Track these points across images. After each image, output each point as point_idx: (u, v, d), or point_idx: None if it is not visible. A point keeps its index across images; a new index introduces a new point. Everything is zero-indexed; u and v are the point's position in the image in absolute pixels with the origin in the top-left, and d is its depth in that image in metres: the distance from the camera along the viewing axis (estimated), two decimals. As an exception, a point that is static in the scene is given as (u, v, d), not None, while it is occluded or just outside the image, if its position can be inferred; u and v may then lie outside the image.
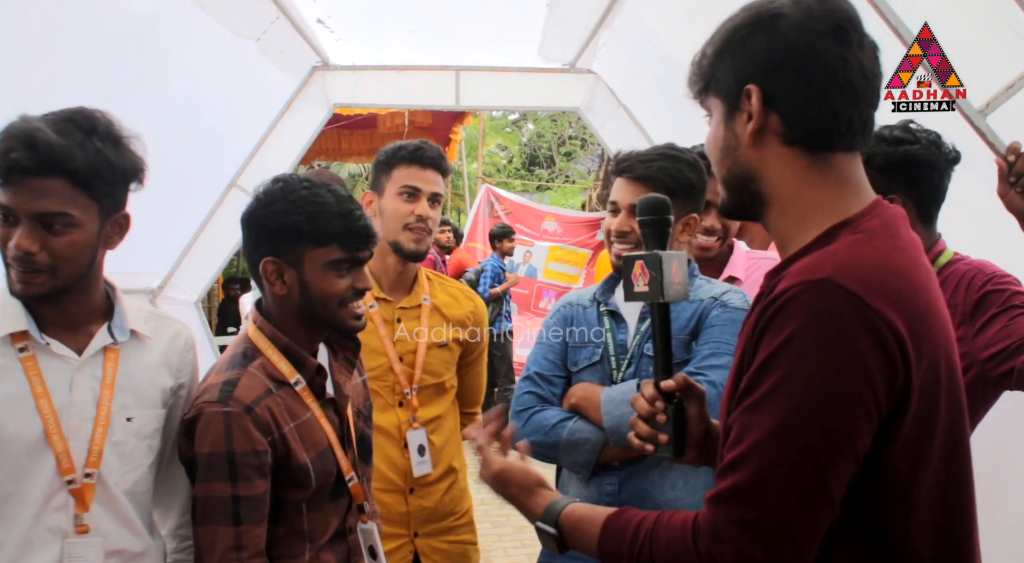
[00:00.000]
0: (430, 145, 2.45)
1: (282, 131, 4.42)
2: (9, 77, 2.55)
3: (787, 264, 1.23)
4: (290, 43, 4.08)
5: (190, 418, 1.66)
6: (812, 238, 1.23)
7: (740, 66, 1.25)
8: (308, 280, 1.74)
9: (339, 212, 1.71)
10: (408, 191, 2.40)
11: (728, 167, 1.30)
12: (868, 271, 1.15)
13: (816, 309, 1.11)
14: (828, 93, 1.21)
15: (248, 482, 1.62)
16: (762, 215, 1.30)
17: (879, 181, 2.02)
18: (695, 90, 1.33)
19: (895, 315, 1.12)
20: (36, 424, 1.54)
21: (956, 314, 1.99)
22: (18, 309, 1.56)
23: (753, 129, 1.24)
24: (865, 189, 1.28)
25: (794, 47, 1.21)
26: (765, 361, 1.14)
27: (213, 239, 4.26)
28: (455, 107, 4.86)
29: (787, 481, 1.11)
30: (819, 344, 1.10)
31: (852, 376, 1.10)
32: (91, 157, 1.51)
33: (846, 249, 1.18)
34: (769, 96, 1.22)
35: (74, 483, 1.57)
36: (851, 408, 1.10)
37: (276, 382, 1.73)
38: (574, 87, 4.77)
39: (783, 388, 1.11)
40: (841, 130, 1.24)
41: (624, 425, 1.96)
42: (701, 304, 2.08)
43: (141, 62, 3.22)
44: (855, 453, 1.12)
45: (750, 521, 1.11)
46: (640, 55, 4.30)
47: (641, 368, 2.10)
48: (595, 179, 16.26)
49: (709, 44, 1.30)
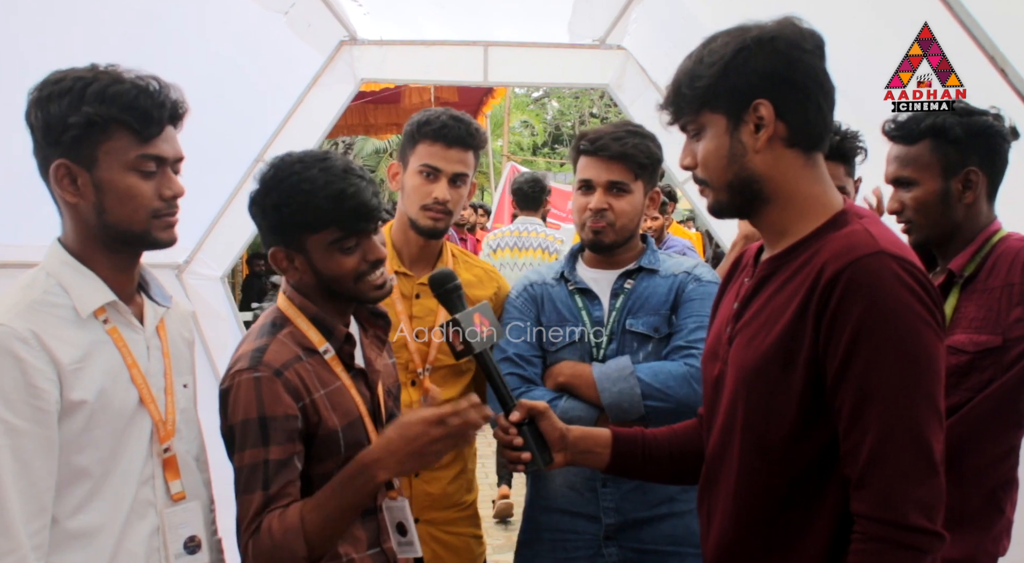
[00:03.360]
0: (459, 119, 2.30)
1: (309, 106, 4.38)
2: (24, 56, 2.53)
3: (797, 247, 1.44)
4: (318, 17, 4.04)
5: (224, 389, 1.68)
6: (816, 226, 1.44)
7: (747, 83, 1.42)
8: (316, 262, 1.74)
9: (329, 195, 1.67)
10: (428, 170, 2.29)
11: (735, 172, 1.46)
12: (899, 245, 1.37)
13: (884, 276, 1.31)
14: (820, 102, 1.44)
15: (279, 446, 1.62)
16: (758, 212, 1.49)
17: (952, 154, 2.02)
18: (689, 111, 1.48)
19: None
20: (133, 393, 1.56)
21: (1013, 293, 1.95)
22: (97, 281, 1.55)
23: (767, 137, 1.43)
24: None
25: (795, 63, 1.42)
26: (852, 341, 1.31)
27: (239, 214, 4.24)
28: (483, 83, 4.79)
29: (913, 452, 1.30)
30: (898, 311, 1.30)
31: (933, 336, 1.32)
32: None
33: (867, 230, 1.38)
34: (778, 107, 1.42)
35: (169, 450, 1.60)
36: (938, 363, 1.33)
37: (305, 350, 1.73)
38: (604, 64, 4.69)
39: (882, 366, 1.30)
40: (826, 132, 1.47)
41: (624, 401, 2.04)
42: (676, 278, 2.19)
43: (166, 36, 3.20)
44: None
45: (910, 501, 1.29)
46: (672, 31, 4.21)
47: (624, 344, 2.14)
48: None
49: (701, 68, 1.45)
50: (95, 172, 1.51)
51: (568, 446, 1.75)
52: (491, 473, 6.48)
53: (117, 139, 1.51)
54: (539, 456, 1.71)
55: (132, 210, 1.54)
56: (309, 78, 4.34)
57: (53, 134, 1.49)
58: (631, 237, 2.21)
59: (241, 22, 3.68)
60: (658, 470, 1.80)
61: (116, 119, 1.49)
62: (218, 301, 4.36)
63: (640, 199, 2.20)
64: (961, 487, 1.41)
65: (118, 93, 1.49)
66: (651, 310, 2.15)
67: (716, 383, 1.57)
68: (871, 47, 2.82)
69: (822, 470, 1.39)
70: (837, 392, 1.34)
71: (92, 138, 1.49)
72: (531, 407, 1.73)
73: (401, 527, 1.82)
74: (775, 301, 1.45)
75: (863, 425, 1.31)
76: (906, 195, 2.09)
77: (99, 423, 1.49)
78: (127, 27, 2.98)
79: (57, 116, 1.47)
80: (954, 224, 2.06)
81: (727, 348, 1.54)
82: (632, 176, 2.16)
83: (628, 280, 2.20)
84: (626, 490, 2.11)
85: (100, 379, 1.50)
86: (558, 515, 2.18)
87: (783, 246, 1.48)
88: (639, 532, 2.11)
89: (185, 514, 1.62)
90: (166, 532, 1.59)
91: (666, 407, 2.01)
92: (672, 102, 1.52)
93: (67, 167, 1.50)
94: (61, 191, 1.52)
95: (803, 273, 1.40)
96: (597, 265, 2.25)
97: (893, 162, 2.11)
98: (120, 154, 1.51)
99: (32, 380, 1.41)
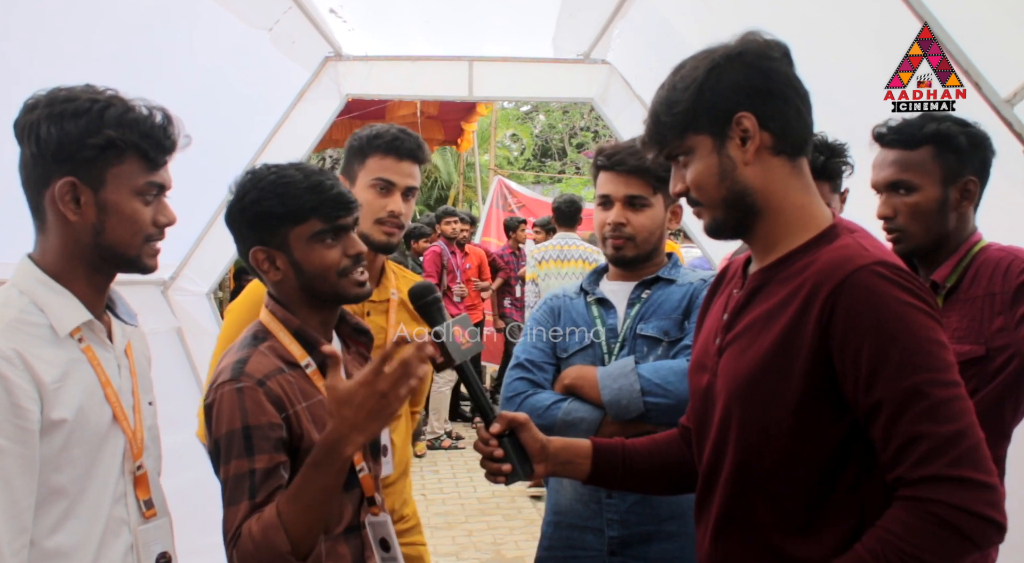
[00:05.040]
0: (408, 134, 2.33)
1: (295, 121, 4.39)
2: (16, 70, 2.53)
3: (788, 258, 1.45)
4: (302, 33, 4.05)
5: (208, 404, 1.67)
6: (807, 238, 1.45)
7: (725, 99, 1.44)
8: (298, 259, 1.74)
9: (309, 186, 1.72)
10: (381, 184, 2.29)
11: (728, 187, 1.47)
12: (892, 257, 1.39)
13: (886, 285, 1.32)
14: (798, 106, 1.46)
15: (265, 455, 1.61)
16: (752, 227, 1.50)
17: (953, 164, 2.02)
18: (673, 138, 1.49)
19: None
20: (108, 411, 1.56)
21: (995, 302, 1.95)
22: (74, 300, 1.55)
23: (755, 148, 1.44)
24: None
25: (768, 73, 1.44)
26: (875, 353, 1.30)
27: (224, 230, 4.21)
28: (468, 98, 4.82)
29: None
30: (905, 316, 1.30)
31: (943, 333, 1.33)
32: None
33: (860, 242, 1.39)
34: (760, 117, 1.43)
35: (141, 468, 1.61)
36: (951, 349, 1.33)
37: (287, 363, 1.72)
38: (588, 78, 4.72)
39: (912, 368, 1.29)
40: (809, 136, 1.49)
41: (624, 397, 2.02)
42: (691, 286, 2.17)
43: (155, 51, 3.21)
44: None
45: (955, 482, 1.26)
46: (655, 46, 4.25)
47: (635, 349, 2.13)
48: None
49: (676, 94, 1.47)
50: (101, 193, 1.52)
51: (549, 457, 1.76)
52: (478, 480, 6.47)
53: (128, 164, 1.54)
54: (520, 468, 1.71)
55: (132, 234, 1.57)
56: (295, 93, 4.35)
57: (65, 152, 1.49)
58: (654, 251, 2.20)
59: (229, 38, 3.69)
60: (638, 480, 1.80)
61: (134, 145, 1.53)
62: (204, 317, 4.35)
63: (661, 213, 2.18)
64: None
65: (136, 120, 1.53)
66: (663, 315, 2.13)
67: (705, 394, 1.57)
68: (857, 57, 2.86)
69: (830, 476, 1.39)
70: (868, 402, 1.32)
71: (105, 160, 1.51)
72: (511, 419, 1.73)
73: (384, 543, 1.81)
74: (768, 312, 1.45)
75: (908, 424, 1.28)
76: (901, 200, 2.06)
77: (77, 442, 1.49)
78: (117, 43, 2.99)
79: (74, 135, 1.48)
80: (944, 233, 2.05)
81: (716, 359, 1.54)
82: (651, 190, 2.15)
83: (645, 290, 2.20)
84: (631, 502, 2.09)
85: (79, 398, 1.50)
86: (567, 531, 2.17)
87: (774, 257, 1.49)
88: (645, 549, 2.08)
89: (157, 531, 1.62)
90: (139, 550, 1.58)
91: (666, 403, 1.99)
92: (654, 133, 1.53)
93: (74, 185, 1.51)
94: (62, 207, 1.51)
95: (795, 283, 1.41)
96: (618, 278, 2.26)
97: (890, 166, 2.08)
98: (129, 178, 1.54)
99: (16, 400, 1.40)
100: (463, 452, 7.61)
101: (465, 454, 7.50)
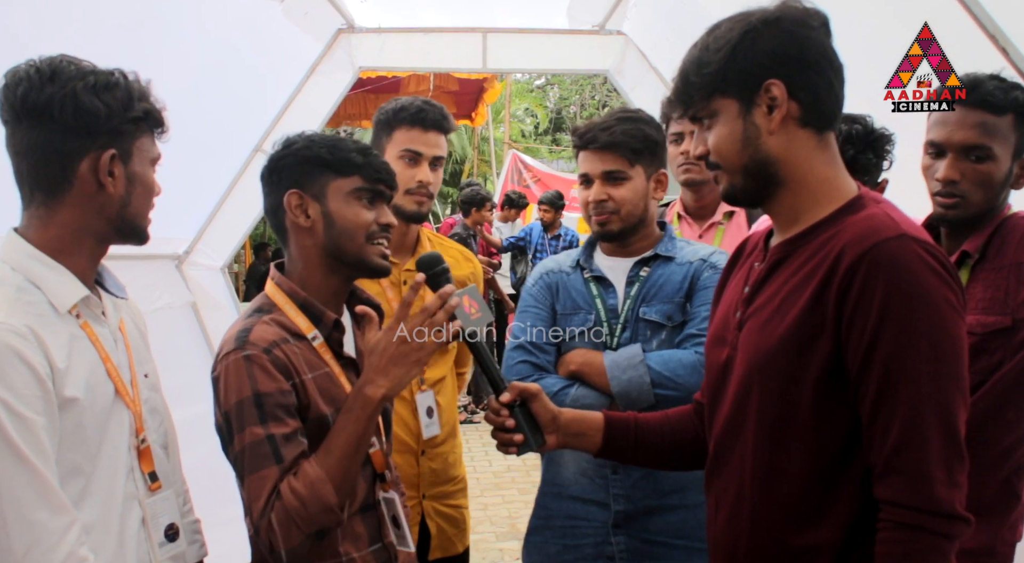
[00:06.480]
0: (432, 105, 2.38)
1: (307, 95, 4.37)
2: (24, 44, 2.51)
3: (812, 231, 1.43)
4: (315, 5, 4.02)
5: (215, 377, 1.65)
6: (832, 210, 1.43)
7: (756, 65, 1.41)
8: (332, 211, 1.74)
9: (359, 149, 1.77)
10: (410, 155, 2.36)
11: (749, 155, 1.45)
12: (919, 229, 1.37)
13: (909, 258, 1.29)
14: (831, 78, 1.43)
15: (279, 422, 1.60)
16: (772, 197, 1.48)
17: (1015, 127, 1.95)
18: (700, 99, 1.47)
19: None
20: (110, 387, 1.55)
21: (1022, 272, 1.92)
22: (69, 275, 1.52)
23: (780, 117, 1.41)
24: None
25: (804, 41, 1.41)
26: (877, 326, 1.29)
27: (239, 204, 4.24)
28: (482, 70, 4.78)
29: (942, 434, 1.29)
30: (924, 295, 1.28)
31: (958, 319, 1.31)
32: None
33: (887, 214, 1.36)
34: (790, 86, 1.41)
35: (144, 441, 1.60)
36: (964, 347, 1.32)
37: (292, 334, 1.71)
38: (604, 49, 4.67)
39: (909, 351, 1.28)
40: (839, 110, 1.46)
41: (634, 389, 2.03)
42: (691, 266, 2.16)
43: (165, 26, 3.18)
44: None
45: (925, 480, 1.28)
46: (672, 16, 4.19)
47: (637, 332, 2.13)
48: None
49: (708, 55, 1.44)
50: (130, 165, 1.55)
51: (560, 428, 1.76)
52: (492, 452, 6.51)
53: (145, 137, 1.57)
54: (531, 438, 1.71)
55: (147, 205, 1.60)
56: (307, 67, 4.32)
57: (103, 124, 1.49)
58: (640, 223, 2.19)
59: (239, 11, 3.66)
60: (650, 455, 1.79)
61: (156, 119, 1.58)
62: (219, 291, 4.36)
63: (642, 184, 2.17)
64: (977, 475, 1.40)
65: (145, 93, 1.56)
66: (665, 298, 2.13)
67: (723, 368, 1.55)
68: (857, 57, 2.81)
69: (844, 455, 1.38)
70: (862, 378, 1.32)
71: (134, 133, 1.54)
72: (523, 389, 1.73)
73: (395, 520, 1.81)
74: (790, 285, 1.43)
75: (890, 410, 1.29)
76: (971, 167, 1.96)
77: (88, 419, 1.48)
78: (126, 17, 2.96)
79: (116, 108, 1.49)
80: (994, 205, 2.00)
81: (736, 333, 1.53)
82: (627, 163, 2.14)
83: (644, 268, 2.19)
84: (636, 477, 2.10)
85: (85, 375, 1.48)
86: (569, 502, 2.18)
87: (797, 230, 1.46)
88: (647, 522, 2.10)
89: (163, 503, 1.62)
90: (148, 522, 1.59)
91: (676, 395, 1.99)
92: (681, 92, 1.50)
93: (114, 156, 1.52)
94: (102, 178, 1.50)
95: (820, 256, 1.39)
96: (613, 253, 2.25)
97: (973, 128, 1.96)
98: (146, 151, 1.58)
99: (38, 375, 1.38)
100: (478, 426, 7.64)
101: (480, 428, 7.52)
